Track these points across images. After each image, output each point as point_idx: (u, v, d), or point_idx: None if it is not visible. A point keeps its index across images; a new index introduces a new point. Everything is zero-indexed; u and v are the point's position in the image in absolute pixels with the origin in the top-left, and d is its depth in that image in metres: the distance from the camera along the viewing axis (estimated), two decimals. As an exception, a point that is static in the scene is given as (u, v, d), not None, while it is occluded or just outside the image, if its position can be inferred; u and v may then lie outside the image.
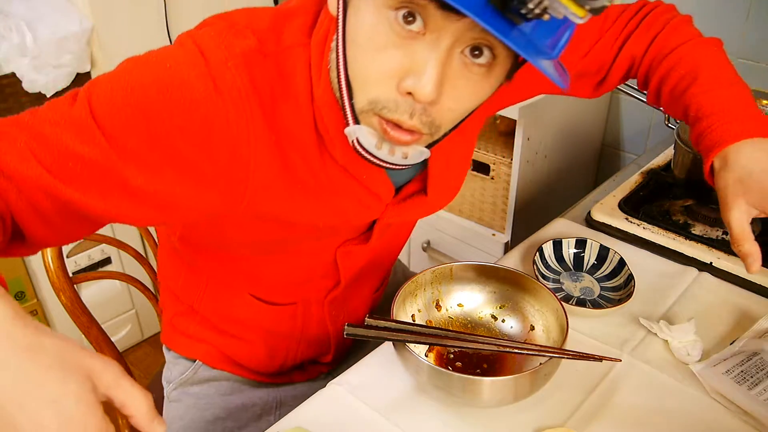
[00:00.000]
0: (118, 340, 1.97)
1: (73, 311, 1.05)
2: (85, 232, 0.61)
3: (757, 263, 0.61)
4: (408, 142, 0.58)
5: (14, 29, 1.53)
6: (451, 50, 0.53)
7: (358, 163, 0.67)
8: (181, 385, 0.96)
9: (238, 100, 0.58)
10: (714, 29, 1.50)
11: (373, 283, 0.97)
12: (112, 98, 0.56)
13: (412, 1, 0.51)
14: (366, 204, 0.74)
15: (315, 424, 0.75)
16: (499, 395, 0.72)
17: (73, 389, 0.43)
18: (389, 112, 0.56)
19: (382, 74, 0.55)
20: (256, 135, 0.60)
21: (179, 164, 0.58)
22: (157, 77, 0.57)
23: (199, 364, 0.96)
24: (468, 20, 0.51)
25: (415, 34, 0.53)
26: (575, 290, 0.97)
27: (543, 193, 1.62)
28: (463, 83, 0.55)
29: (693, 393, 0.79)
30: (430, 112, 0.56)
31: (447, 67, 0.54)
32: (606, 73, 0.85)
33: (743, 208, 0.63)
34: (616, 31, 0.83)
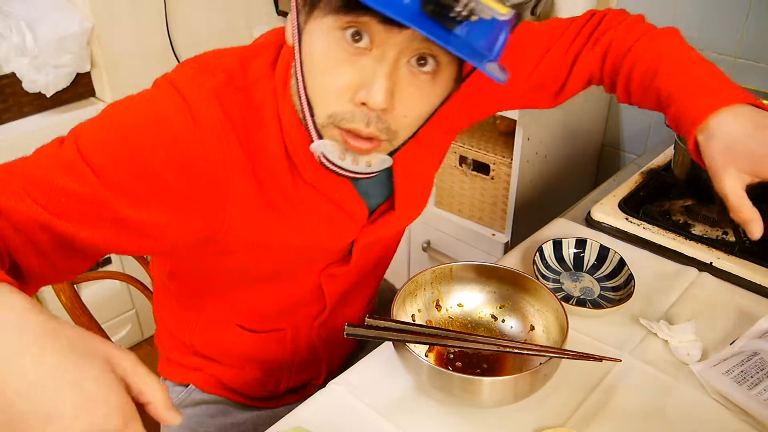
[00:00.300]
0: (118, 340, 1.97)
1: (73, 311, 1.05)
2: (81, 267, 0.64)
3: (760, 227, 0.60)
4: (368, 150, 0.62)
5: (14, 29, 1.53)
6: (397, 61, 0.58)
7: (328, 182, 0.71)
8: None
9: (214, 129, 0.63)
10: (714, 29, 1.50)
11: (360, 304, 0.98)
12: (98, 137, 0.60)
13: (356, 20, 0.56)
14: (341, 224, 0.77)
15: (315, 424, 0.75)
16: (499, 395, 0.72)
17: (90, 371, 0.44)
18: (347, 123, 0.60)
19: (337, 89, 0.59)
20: (233, 162, 0.64)
21: (164, 193, 0.62)
22: (139, 115, 0.63)
23: (193, 388, 0.98)
24: (409, 32, 0.56)
25: (363, 50, 0.58)
26: (575, 290, 0.97)
27: (543, 193, 1.62)
28: (412, 91, 0.60)
29: (693, 393, 0.79)
30: (385, 119, 0.60)
31: (395, 77, 0.59)
32: (563, 84, 0.87)
33: (734, 174, 0.62)
34: (566, 42, 0.85)
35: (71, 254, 0.60)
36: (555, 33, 0.85)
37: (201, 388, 0.97)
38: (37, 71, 1.58)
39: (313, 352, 0.97)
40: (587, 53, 0.84)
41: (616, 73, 0.83)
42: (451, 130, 0.87)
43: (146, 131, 0.61)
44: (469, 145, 1.56)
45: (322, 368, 1.00)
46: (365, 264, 0.90)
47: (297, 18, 0.62)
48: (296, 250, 0.77)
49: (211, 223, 0.67)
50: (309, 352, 0.96)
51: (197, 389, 0.98)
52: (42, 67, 1.58)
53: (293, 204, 0.71)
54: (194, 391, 0.98)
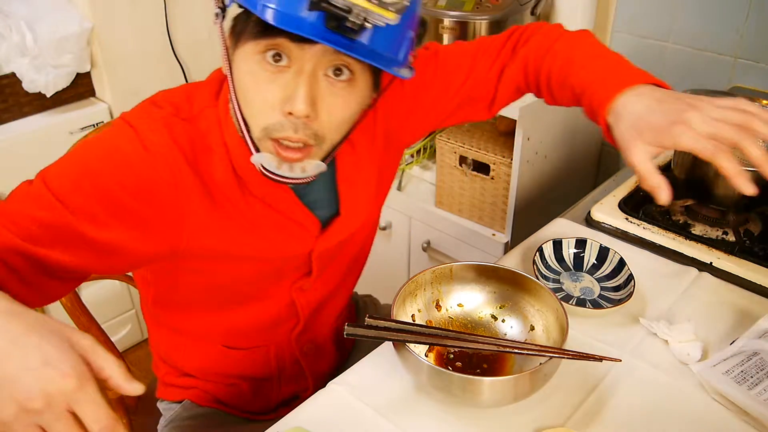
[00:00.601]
0: (118, 340, 1.97)
1: (73, 311, 1.05)
2: (62, 290, 0.71)
3: (666, 192, 0.64)
4: (299, 159, 0.70)
5: (14, 29, 1.53)
6: (315, 74, 0.66)
7: (274, 196, 0.78)
8: (172, 421, 1.01)
9: (162, 154, 0.71)
10: (714, 29, 1.50)
11: (333, 315, 1.02)
12: (62, 171, 0.69)
13: (273, 42, 0.65)
14: (294, 235, 0.82)
15: (315, 424, 0.75)
16: (499, 395, 0.72)
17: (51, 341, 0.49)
18: (278, 132, 0.68)
19: (266, 104, 0.67)
20: (184, 181, 0.72)
21: (123, 214, 0.69)
22: (96, 148, 0.71)
23: (189, 402, 1.01)
24: (319, 46, 0.64)
25: (284, 68, 0.66)
26: (575, 290, 0.97)
27: (543, 193, 1.62)
28: (332, 99, 0.68)
29: (693, 393, 0.79)
30: (311, 126, 0.68)
31: (315, 88, 0.67)
32: (493, 97, 0.93)
33: (641, 148, 0.67)
34: (491, 57, 0.91)
35: (50, 278, 0.67)
36: (481, 49, 0.91)
37: (196, 402, 1.01)
38: (37, 71, 1.58)
39: (297, 366, 1.01)
40: (511, 65, 0.90)
41: (537, 78, 0.88)
42: (397, 146, 0.94)
43: (103, 161, 0.69)
44: (469, 145, 1.56)
45: (309, 380, 1.03)
46: (331, 276, 0.94)
47: (227, 51, 0.71)
48: (259, 263, 0.83)
49: (171, 238, 0.74)
50: (293, 366, 1.01)
51: (193, 403, 1.01)
52: (42, 67, 1.58)
53: (246, 217, 0.78)
54: (190, 405, 1.01)
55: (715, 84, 1.54)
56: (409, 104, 0.90)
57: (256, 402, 1.02)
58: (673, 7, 1.55)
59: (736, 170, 0.62)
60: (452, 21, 1.46)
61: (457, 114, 0.95)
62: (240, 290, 0.87)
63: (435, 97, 0.91)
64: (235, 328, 0.93)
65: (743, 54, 1.49)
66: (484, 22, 1.45)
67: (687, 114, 0.65)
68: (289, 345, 0.97)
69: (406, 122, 0.91)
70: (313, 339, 1.00)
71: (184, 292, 0.87)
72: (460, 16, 1.46)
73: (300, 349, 0.99)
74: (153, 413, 1.08)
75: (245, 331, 0.94)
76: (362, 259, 1.02)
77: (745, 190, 0.63)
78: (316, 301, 0.94)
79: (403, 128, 0.92)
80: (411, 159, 1.81)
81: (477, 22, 1.45)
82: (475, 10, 1.46)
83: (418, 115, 0.92)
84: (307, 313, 0.94)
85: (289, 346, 0.97)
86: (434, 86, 0.90)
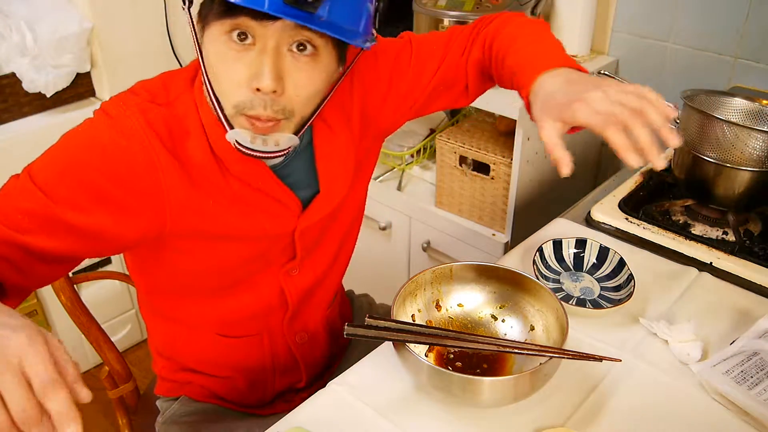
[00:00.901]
0: (118, 340, 1.97)
1: (73, 311, 1.05)
2: (56, 273, 0.75)
3: (568, 166, 0.67)
4: (271, 130, 0.72)
5: (14, 29, 1.53)
6: (278, 50, 0.68)
7: (252, 174, 0.80)
8: (169, 418, 1.02)
9: (138, 138, 0.73)
10: (714, 29, 1.50)
11: (323, 304, 1.03)
12: (45, 164, 0.72)
13: (235, 22, 0.67)
14: (276, 213, 0.84)
15: (315, 424, 0.75)
16: (499, 395, 0.72)
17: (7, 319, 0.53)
18: (249, 110, 0.70)
19: (235, 83, 0.70)
20: (161, 164, 0.74)
21: (103, 199, 0.72)
22: (75, 139, 0.74)
23: (185, 398, 1.03)
24: (280, 23, 0.66)
25: (249, 46, 0.68)
26: (575, 290, 0.97)
27: (543, 193, 1.62)
28: (298, 73, 0.70)
29: (693, 393, 0.79)
30: (279, 101, 0.70)
31: (281, 63, 0.69)
32: (465, 81, 0.94)
33: (549, 123, 0.70)
34: (461, 45, 0.93)
35: (42, 263, 0.70)
36: (453, 36, 0.95)
37: (193, 397, 1.02)
38: (37, 71, 1.58)
39: (291, 357, 1.02)
40: (473, 48, 0.93)
41: (489, 60, 0.90)
42: (374, 131, 0.95)
43: (81, 150, 0.73)
44: (469, 145, 1.56)
45: (302, 371, 1.04)
46: (317, 262, 0.95)
47: (195, 35, 0.74)
48: (243, 243, 0.85)
49: (155, 220, 0.76)
50: (287, 357, 1.02)
51: (190, 399, 1.02)
52: (42, 67, 1.58)
53: (227, 197, 0.80)
54: (187, 401, 1.02)
55: (715, 84, 1.54)
56: (384, 89, 0.92)
57: (252, 395, 1.03)
58: (673, 7, 1.55)
59: (624, 144, 0.65)
60: (452, 21, 1.46)
61: (437, 101, 0.97)
62: (229, 274, 0.88)
63: (410, 83, 0.93)
64: (227, 316, 0.94)
65: (743, 54, 1.49)
66: (484, 22, 1.45)
67: (588, 93, 0.68)
68: (281, 334, 0.98)
69: (382, 107, 0.93)
70: (304, 328, 1.01)
71: (175, 277, 0.89)
72: (460, 16, 1.46)
73: (293, 338, 1.00)
74: (153, 413, 1.08)
75: (238, 319, 0.95)
76: (348, 246, 1.03)
77: (631, 163, 0.64)
78: (303, 287, 0.95)
79: (380, 113, 0.94)
80: (411, 159, 1.81)
81: (477, 22, 1.45)
82: (475, 10, 1.46)
83: (395, 100, 0.94)
84: (295, 300, 0.95)
85: (281, 335, 0.98)
86: (409, 72, 0.93)
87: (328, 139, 0.87)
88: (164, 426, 1.01)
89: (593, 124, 0.67)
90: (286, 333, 0.98)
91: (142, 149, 0.73)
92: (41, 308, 1.76)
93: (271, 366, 1.01)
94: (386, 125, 0.97)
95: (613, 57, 1.69)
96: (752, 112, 1.12)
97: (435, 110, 1.01)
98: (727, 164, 1.03)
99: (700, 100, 1.12)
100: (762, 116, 1.11)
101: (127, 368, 1.13)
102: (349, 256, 1.05)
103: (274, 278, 0.91)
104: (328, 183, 0.88)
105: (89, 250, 0.74)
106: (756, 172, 1.02)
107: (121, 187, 0.72)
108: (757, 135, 1.00)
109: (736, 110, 1.13)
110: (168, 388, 1.04)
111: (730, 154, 1.03)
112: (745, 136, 1.01)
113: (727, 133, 1.02)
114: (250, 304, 0.93)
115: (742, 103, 1.13)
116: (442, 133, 1.63)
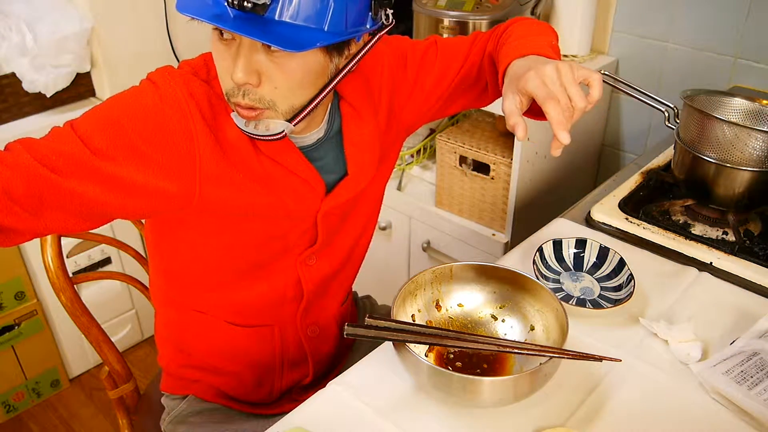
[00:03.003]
0: (118, 340, 1.97)
1: (73, 311, 1.05)
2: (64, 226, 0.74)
3: (522, 130, 0.73)
4: (255, 117, 0.76)
5: (14, 29, 1.53)
6: (252, 47, 0.71)
7: (283, 155, 0.83)
8: (176, 417, 1.02)
9: (179, 107, 0.77)
10: (714, 29, 1.50)
11: (338, 298, 1.04)
12: (86, 118, 0.76)
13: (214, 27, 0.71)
14: (301, 193, 0.86)
15: (315, 424, 0.75)
16: (499, 395, 0.72)
17: None
18: (232, 97, 0.75)
19: (222, 73, 0.75)
20: (198, 134, 0.77)
21: (139, 158, 0.75)
22: (120, 101, 0.78)
23: (192, 398, 1.03)
24: None
25: (230, 41, 0.72)
26: (575, 290, 0.97)
27: (543, 193, 1.62)
28: (273, 67, 0.72)
29: (693, 393, 0.79)
30: (256, 92, 0.74)
31: (255, 58, 0.71)
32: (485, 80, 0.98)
33: (510, 96, 0.77)
34: (481, 47, 0.98)
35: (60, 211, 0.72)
36: (476, 39, 0.99)
37: (200, 397, 1.02)
38: (37, 71, 1.58)
39: (300, 349, 1.02)
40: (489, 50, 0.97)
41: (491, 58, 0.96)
42: (398, 125, 0.98)
43: (123, 110, 0.76)
44: (469, 145, 1.56)
45: (310, 367, 1.04)
46: (335, 252, 0.97)
47: None
48: (267, 223, 0.87)
49: (185, 187, 0.79)
50: (296, 350, 1.02)
51: (197, 398, 1.02)
52: (42, 67, 1.58)
53: (257, 173, 0.82)
54: (194, 401, 1.02)
55: (715, 84, 1.54)
56: (410, 86, 0.96)
57: (259, 391, 1.03)
58: (673, 7, 1.55)
59: (558, 119, 0.71)
60: (452, 21, 1.46)
61: (458, 100, 1.01)
62: (248, 256, 0.90)
63: (434, 82, 0.97)
64: (241, 304, 0.95)
65: (743, 54, 1.49)
66: (484, 21, 1.45)
67: (542, 68, 0.75)
68: (294, 326, 0.99)
69: (407, 103, 0.96)
70: (316, 321, 1.01)
71: (194, 258, 0.91)
72: (460, 16, 1.46)
73: (305, 331, 1.00)
74: (153, 412, 1.08)
75: (252, 308, 0.96)
76: (363, 242, 1.03)
77: (561, 138, 0.71)
78: (320, 278, 0.96)
79: (404, 109, 0.97)
80: (411, 159, 1.81)
81: (477, 21, 1.45)
82: (475, 10, 1.46)
83: (419, 97, 0.97)
84: (311, 291, 0.96)
85: (294, 327, 0.99)
86: (434, 71, 0.96)
87: (357, 126, 0.89)
88: (170, 425, 1.02)
89: (537, 94, 0.73)
90: (298, 325, 0.99)
91: (182, 117, 0.77)
92: (41, 308, 1.76)
93: (280, 359, 1.01)
94: (410, 122, 1.00)
95: (613, 57, 1.69)
96: (752, 112, 1.12)
97: (457, 110, 1.05)
98: (727, 164, 1.03)
99: (700, 100, 1.12)
100: (762, 116, 1.12)
101: (127, 368, 1.13)
102: (363, 254, 1.06)
103: (292, 266, 0.93)
104: (355, 167, 0.90)
105: (115, 205, 0.75)
106: (756, 172, 1.02)
107: (157, 150, 0.75)
108: (757, 135, 1.00)
109: (736, 110, 1.13)
110: (174, 385, 1.04)
111: (730, 154, 1.03)
112: (745, 136, 1.01)
113: (727, 133, 1.02)
114: (265, 292, 0.94)
115: (742, 103, 1.13)
116: (442, 133, 1.63)
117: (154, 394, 1.12)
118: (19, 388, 1.82)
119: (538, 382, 0.73)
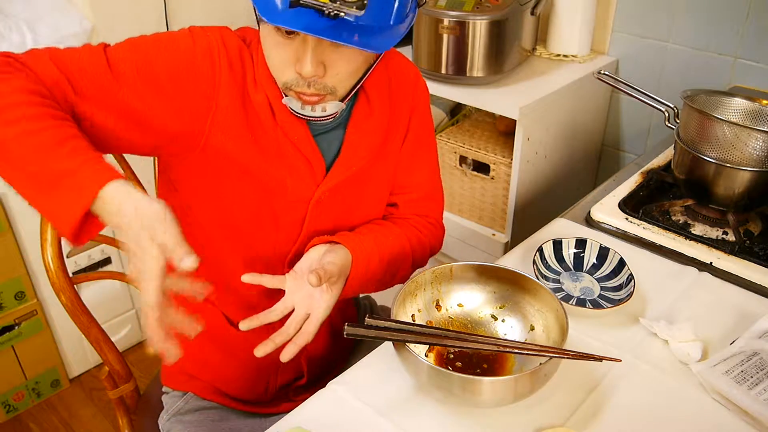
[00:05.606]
0: (118, 340, 1.97)
1: (73, 311, 1.05)
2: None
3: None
4: (316, 102, 0.81)
5: (14, 29, 1.53)
6: (318, 41, 0.74)
7: (294, 130, 0.87)
8: (174, 415, 1.02)
9: (211, 56, 0.81)
10: (714, 29, 1.50)
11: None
12: (121, 44, 0.81)
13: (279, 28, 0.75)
14: (300, 171, 0.89)
15: (315, 424, 0.75)
16: (499, 395, 0.72)
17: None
18: (295, 87, 0.79)
19: (282, 64, 0.78)
20: (221, 82, 0.82)
21: (158, 93, 0.79)
22: (156, 38, 0.82)
23: (191, 395, 1.03)
24: None
25: (294, 35, 0.75)
26: (575, 290, 0.97)
27: (543, 193, 1.62)
28: (337, 57, 0.77)
29: (693, 393, 0.79)
30: (320, 81, 0.78)
31: (320, 50, 0.75)
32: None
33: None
34: (409, 226, 1.00)
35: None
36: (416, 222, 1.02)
37: (199, 394, 1.02)
38: (37, 71, 1.58)
39: None
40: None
41: None
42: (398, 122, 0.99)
43: (156, 45, 0.81)
44: (469, 145, 1.56)
45: (303, 366, 1.04)
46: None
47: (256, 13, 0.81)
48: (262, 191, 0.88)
49: (195, 128, 0.82)
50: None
51: (195, 396, 1.03)
52: (42, 67, 1.58)
53: (267, 140, 0.86)
54: (192, 398, 1.03)
55: (715, 84, 1.54)
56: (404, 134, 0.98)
57: (256, 390, 1.03)
58: (673, 6, 1.55)
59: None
60: (452, 21, 1.46)
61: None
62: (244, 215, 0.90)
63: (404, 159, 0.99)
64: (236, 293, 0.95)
65: (743, 54, 1.49)
66: (484, 22, 1.45)
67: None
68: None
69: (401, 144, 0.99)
70: None
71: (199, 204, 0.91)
72: (460, 16, 1.46)
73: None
74: (153, 412, 1.08)
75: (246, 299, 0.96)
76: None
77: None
78: None
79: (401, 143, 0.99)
80: (411, 159, 1.80)
81: (477, 22, 1.45)
82: (475, 10, 1.46)
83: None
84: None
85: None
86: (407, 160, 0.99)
87: (365, 113, 0.92)
88: (168, 423, 1.02)
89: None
90: None
91: (211, 65, 0.81)
92: (41, 308, 1.76)
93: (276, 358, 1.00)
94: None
95: (613, 57, 1.70)
96: (752, 112, 1.12)
97: None
98: (727, 164, 1.03)
99: (700, 100, 1.12)
100: (762, 116, 1.12)
101: (127, 368, 1.13)
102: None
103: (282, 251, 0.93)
104: (350, 149, 0.92)
105: (122, 134, 0.78)
106: (756, 172, 1.02)
107: (179, 89, 0.80)
108: (757, 135, 1.00)
109: (736, 110, 1.13)
110: (174, 380, 1.04)
111: (730, 154, 1.03)
112: (745, 136, 1.01)
113: (727, 133, 1.02)
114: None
115: (742, 103, 1.13)
116: (442, 133, 1.63)
117: (154, 394, 1.12)
118: (19, 388, 1.82)
119: (538, 382, 0.73)
